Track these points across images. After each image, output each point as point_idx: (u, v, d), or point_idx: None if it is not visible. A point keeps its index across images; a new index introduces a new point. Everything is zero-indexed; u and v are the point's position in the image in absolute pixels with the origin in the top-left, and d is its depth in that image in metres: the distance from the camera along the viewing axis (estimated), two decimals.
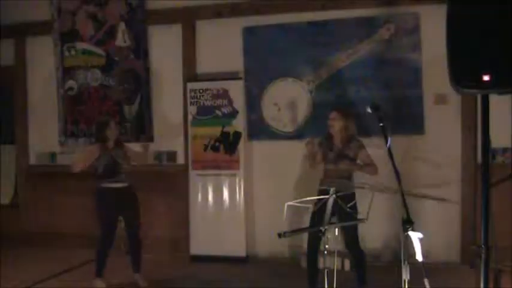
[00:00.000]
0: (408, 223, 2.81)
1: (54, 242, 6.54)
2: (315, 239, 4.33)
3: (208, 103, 5.96)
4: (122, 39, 6.28)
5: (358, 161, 4.43)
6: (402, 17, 5.46)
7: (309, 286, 4.44)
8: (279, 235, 3.03)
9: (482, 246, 2.56)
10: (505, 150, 5.29)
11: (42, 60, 6.68)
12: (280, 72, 5.84)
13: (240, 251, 5.79)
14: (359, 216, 3.40)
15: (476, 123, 5.23)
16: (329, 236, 3.24)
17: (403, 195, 2.93)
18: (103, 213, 4.86)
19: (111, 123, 4.92)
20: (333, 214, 3.30)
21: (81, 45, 6.46)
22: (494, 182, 2.67)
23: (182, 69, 6.16)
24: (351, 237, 4.35)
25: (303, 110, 5.79)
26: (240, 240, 5.80)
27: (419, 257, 2.77)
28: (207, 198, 5.93)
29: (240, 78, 5.94)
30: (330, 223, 3.27)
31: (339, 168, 4.39)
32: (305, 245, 4.53)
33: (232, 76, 5.97)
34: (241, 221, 5.82)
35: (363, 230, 4.49)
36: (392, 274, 3.84)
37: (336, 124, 4.43)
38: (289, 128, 5.85)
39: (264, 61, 5.88)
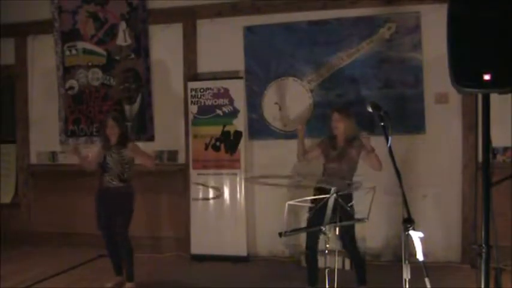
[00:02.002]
0: (409, 222, 2.81)
1: (55, 241, 6.55)
2: (313, 237, 4.33)
3: (209, 102, 5.95)
4: (123, 38, 6.28)
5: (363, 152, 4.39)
6: (403, 16, 5.45)
7: (308, 285, 4.44)
8: (280, 234, 3.02)
9: (483, 245, 2.56)
10: (505, 149, 5.29)
11: (43, 59, 6.68)
12: (281, 71, 5.83)
13: (241, 251, 5.78)
14: (358, 216, 3.39)
15: (477, 122, 5.18)
16: (330, 235, 3.24)
17: (404, 194, 2.93)
18: (96, 213, 4.80)
19: (109, 121, 4.71)
20: (333, 213, 3.29)
21: (82, 45, 6.45)
22: (494, 182, 2.67)
23: (183, 68, 6.16)
24: (348, 237, 4.33)
25: (303, 110, 5.79)
26: (241, 239, 5.80)
27: (420, 256, 2.76)
28: (207, 198, 5.94)
29: (240, 78, 5.94)
30: (331, 222, 3.27)
31: (341, 167, 4.38)
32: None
33: (233, 75, 5.97)
34: (242, 221, 5.81)
35: (363, 229, 4.49)
36: (393, 273, 3.85)
37: (340, 125, 4.43)
38: (290, 128, 5.84)
39: (264, 60, 5.87)
